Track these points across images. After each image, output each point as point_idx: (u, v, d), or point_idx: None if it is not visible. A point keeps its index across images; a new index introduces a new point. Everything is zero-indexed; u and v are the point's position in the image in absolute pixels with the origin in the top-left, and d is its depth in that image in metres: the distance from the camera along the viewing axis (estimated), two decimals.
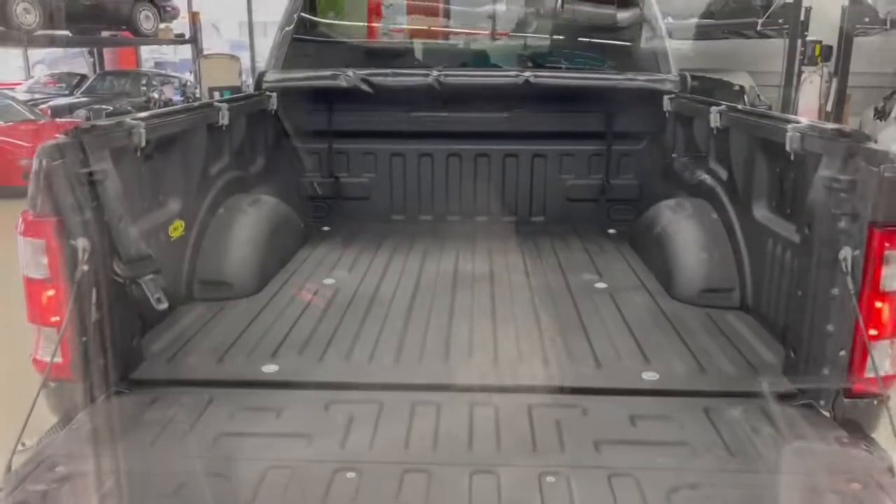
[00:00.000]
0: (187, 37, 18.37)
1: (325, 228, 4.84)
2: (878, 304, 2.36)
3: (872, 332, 2.36)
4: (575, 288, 3.64)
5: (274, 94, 4.58)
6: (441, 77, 4.56)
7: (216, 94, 14.12)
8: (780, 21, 11.24)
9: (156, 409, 2.45)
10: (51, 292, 2.43)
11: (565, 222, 4.92)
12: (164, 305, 2.64)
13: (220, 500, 2.03)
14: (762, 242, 3.16)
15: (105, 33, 16.97)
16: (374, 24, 5.61)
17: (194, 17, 18.39)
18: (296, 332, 3.09)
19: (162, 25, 17.59)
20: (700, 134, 4.01)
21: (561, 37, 5.53)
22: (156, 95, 15.76)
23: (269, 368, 2.73)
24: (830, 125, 2.68)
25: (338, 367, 2.75)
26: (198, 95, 15.84)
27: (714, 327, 3.14)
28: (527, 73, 4.54)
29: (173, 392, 2.58)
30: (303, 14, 4.95)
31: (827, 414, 2.47)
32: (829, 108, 11.97)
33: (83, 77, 18.51)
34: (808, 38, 11.08)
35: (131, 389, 2.61)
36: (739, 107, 3.57)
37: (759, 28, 11.64)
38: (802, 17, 10.77)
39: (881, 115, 11.80)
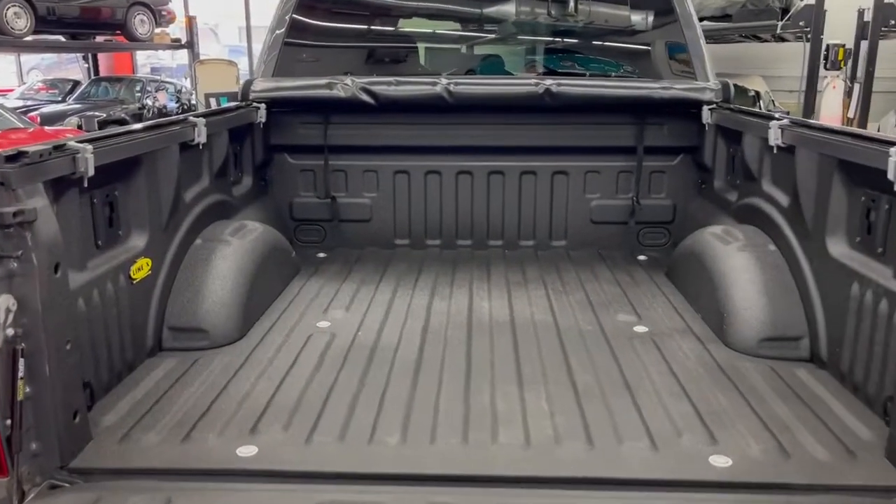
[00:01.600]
0: (184, 41, 17.92)
1: (321, 255, 4.32)
2: None
3: None
4: (611, 332, 3.11)
5: (262, 106, 4.07)
6: (451, 86, 4.04)
7: (213, 101, 13.65)
8: (801, 23, 10.71)
9: None
10: None
11: (589, 247, 4.40)
12: None
13: None
14: (841, 284, 2.63)
15: (99, 38, 16.56)
16: (375, 28, 5.10)
17: (190, 22, 17.94)
18: (282, 395, 2.56)
19: (158, 30, 17.16)
20: (751, 151, 3.48)
21: (583, 41, 5.02)
22: (150, 102, 15.28)
23: (247, 451, 2.20)
24: None
25: (331, 450, 2.22)
26: (193, 102, 15.36)
27: (784, 387, 2.61)
28: (548, 82, 4.02)
29: (123, 487, 2.05)
30: (296, 16, 4.43)
31: None
32: (850, 114, 11.44)
33: (76, 83, 18.04)
34: (832, 42, 10.54)
35: (72, 481, 2.08)
36: (812, 122, 3.03)
37: (778, 31, 11.11)
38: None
39: None
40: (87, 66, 20.55)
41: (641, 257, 4.27)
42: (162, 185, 2.92)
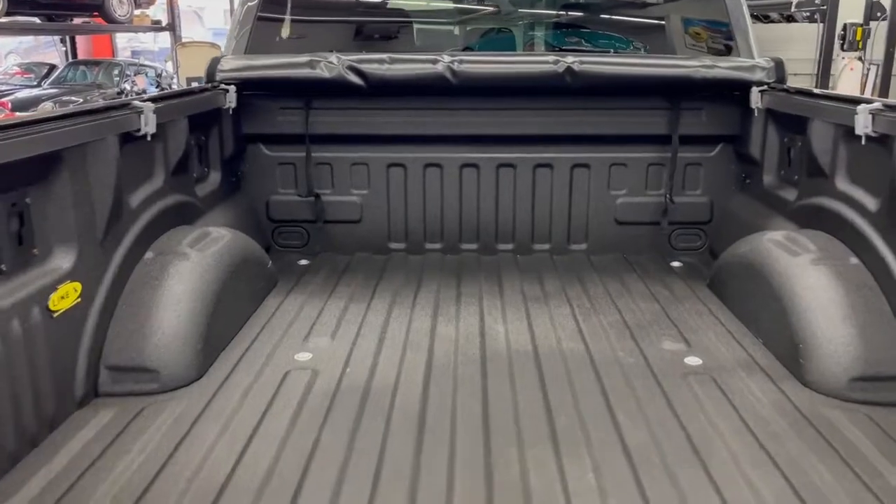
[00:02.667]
0: (165, 24, 17.15)
1: (303, 261, 3.72)
2: None
3: None
4: (658, 366, 2.52)
5: (231, 88, 3.44)
6: (455, 64, 3.43)
7: (195, 85, 12.95)
8: (818, 2, 10.10)
9: None
10: None
11: (613, 251, 3.81)
12: None
13: None
14: None
15: (77, 20, 15.81)
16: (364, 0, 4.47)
17: (172, 3, 17.15)
18: (247, 465, 1.96)
19: (137, 12, 16.43)
20: (821, 140, 2.89)
21: (596, 14, 4.41)
22: (128, 86, 14.56)
23: None
24: None
25: None
26: (174, 86, 14.64)
27: (894, 447, 2.04)
28: (569, 59, 3.41)
29: None
30: None
31: None
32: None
33: (53, 67, 17.31)
34: (851, 22, 9.94)
35: None
36: None
37: (792, 9, 10.50)
38: None
39: None
40: (64, 49, 19.84)
41: (675, 264, 3.69)
42: (95, 187, 2.30)
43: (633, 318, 2.96)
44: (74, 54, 19.14)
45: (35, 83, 16.00)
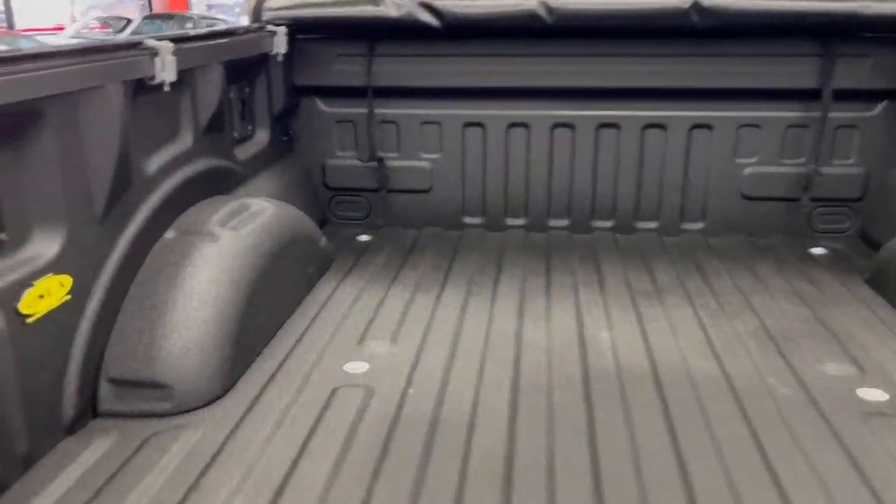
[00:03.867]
0: None
1: (363, 237, 3.18)
2: None
3: None
4: (826, 402, 1.87)
5: (281, 30, 2.88)
6: (551, 0, 2.77)
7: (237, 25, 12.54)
8: None
9: None
10: None
11: (737, 232, 3.12)
12: None
13: None
14: None
15: None
16: None
17: None
18: None
19: None
20: None
21: None
22: None
23: None
24: None
25: None
26: None
27: None
28: None
29: None
30: None
31: None
32: None
33: (129, 21, 17.35)
34: None
35: None
36: None
37: None
38: None
39: None
40: (142, 3, 19.93)
41: (816, 251, 2.97)
42: (91, 149, 1.79)
43: (776, 325, 2.30)
44: (151, 8, 19.16)
45: (112, 37, 16.04)
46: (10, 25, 19.52)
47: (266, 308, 2.20)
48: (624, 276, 2.71)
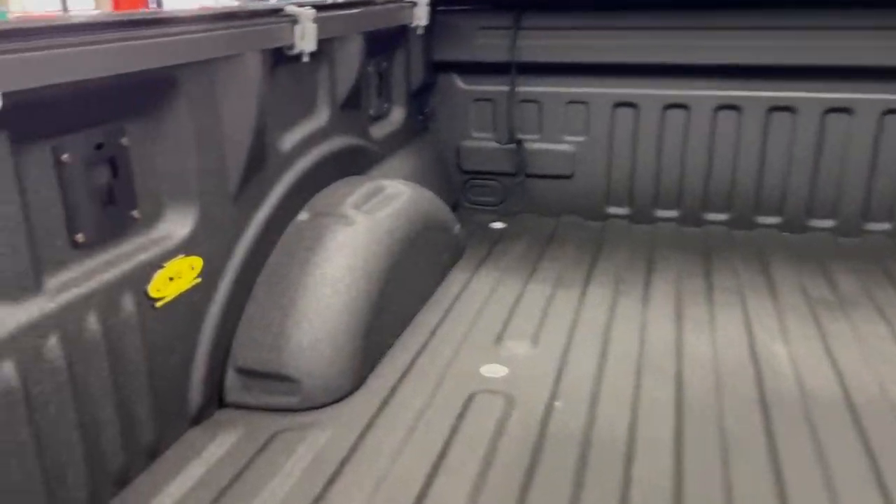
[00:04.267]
0: None
1: (497, 225, 2.97)
2: None
3: None
4: None
5: (422, 1, 2.70)
6: None
7: None
8: None
9: None
10: None
11: None
12: None
13: None
14: None
15: None
16: None
17: None
18: None
19: None
20: None
21: None
22: None
23: None
24: None
25: None
26: None
27: None
28: None
29: None
30: None
31: None
32: None
33: None
34: None
35: None
36: None
37: None
38: None
39: None
40: None
41: None
42: (227, 123, 1.67)
43: None
44: None
45: None
46: None
47: (399, 298, 2.04)
48: (798, 282, 2.36)
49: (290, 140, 1.99)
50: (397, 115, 2.77)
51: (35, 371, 1.20)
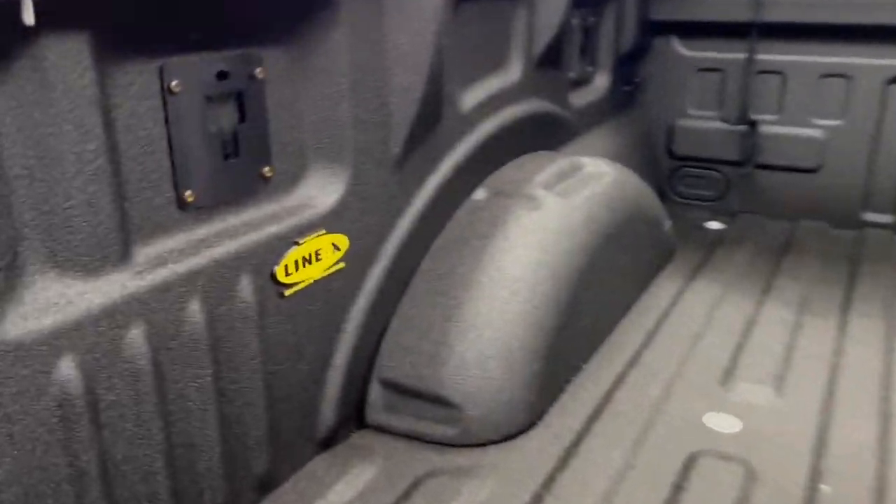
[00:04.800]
0: None
1: (713, 225, 2.41)
2: None
3: None
4: None
5: None
6: None
7: None
8: None
9: None
10: None
11: None
12: None
13: None
14: None
15: None
16: None
17: None
18: None
19: None
20: None
21: None
22: None
23: None
24: None
25: None
26: None
27: None
28: None
29: None
30: None
31: None
32: None
33: None
34: None
35: None
36: None
37: None
38: None
39: None
40: None
41: None
42: (394, 65, 1.28)
43: None
44: None
45: None
46: None
47: (593, 308, 1.57)
48: None
49: (472, 97, 1.58)
50: (601, 82, 2.29)
51: (108, 373, 0.88)
